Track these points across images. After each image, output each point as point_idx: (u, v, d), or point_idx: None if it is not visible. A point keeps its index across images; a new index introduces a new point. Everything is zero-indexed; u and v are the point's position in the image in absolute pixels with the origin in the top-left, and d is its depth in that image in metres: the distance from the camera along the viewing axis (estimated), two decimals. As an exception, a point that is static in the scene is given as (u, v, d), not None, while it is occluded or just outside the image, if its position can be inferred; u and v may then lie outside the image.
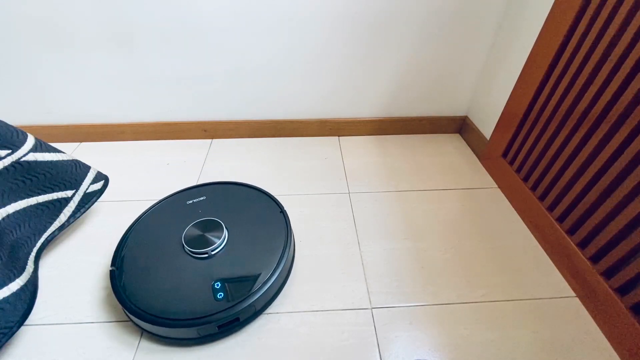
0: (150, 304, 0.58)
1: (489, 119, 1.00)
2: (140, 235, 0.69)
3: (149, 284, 0.60)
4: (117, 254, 0.65)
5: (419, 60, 0.99)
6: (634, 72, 0.56)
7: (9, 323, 0.56)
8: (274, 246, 0.66)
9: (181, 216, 0.72)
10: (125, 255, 0.65)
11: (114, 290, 0.60)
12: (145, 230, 0.70)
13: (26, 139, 0.64)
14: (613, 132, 0.60)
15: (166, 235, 0.68)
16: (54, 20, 0.86)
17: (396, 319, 0.64)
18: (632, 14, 0.56)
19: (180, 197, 0.78)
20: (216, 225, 0.68)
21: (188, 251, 0.64)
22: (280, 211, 0.73)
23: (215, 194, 0.78)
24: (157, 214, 0.74)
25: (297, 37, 0.92)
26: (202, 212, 0.73)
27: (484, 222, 0.83)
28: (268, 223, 0.71)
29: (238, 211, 0.73)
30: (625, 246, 0.57)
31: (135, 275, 0.62)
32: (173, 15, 0.87)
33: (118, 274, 0.62)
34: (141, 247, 0.67)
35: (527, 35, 0.82)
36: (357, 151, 1.08)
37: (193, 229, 0.67)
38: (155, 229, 0.70)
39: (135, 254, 0.65)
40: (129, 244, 0.67)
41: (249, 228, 0.70)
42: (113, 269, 0.63)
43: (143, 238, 0.68)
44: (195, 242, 0.65)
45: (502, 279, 0.70)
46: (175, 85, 1.00)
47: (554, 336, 0.61)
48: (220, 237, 0.66)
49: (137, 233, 0.69)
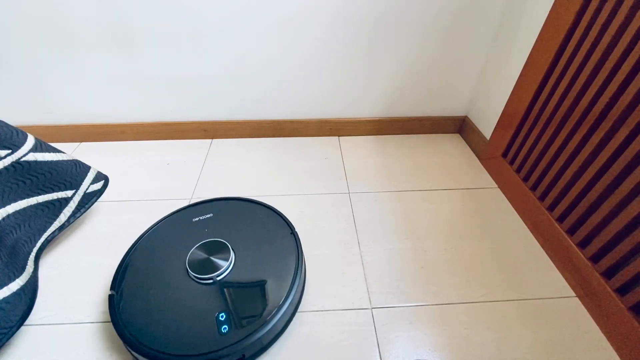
0: (150, 335, 0.54)
1: (489, 119, 1.00)
2: (142, 256, 0.65)
3: (149, 313, 0.57)
4: (116, 276, 0.62)
5: (419, 61, 0.99)
6: (634, 72, 0.56)
7: (9, 323, 0.56)
8: (284, 273, 0.62)
9: (186, 235, 0.68)
10: (125, 278, 0.61)
11: (112, 318, 0.56)
12: (148, 250, 0.66)
13: (26, 139, 0.64)
14: (613, 132, 0.60)
15: (169, 256, 0.65)
16: (54, 20, 0.86)
17: (396, 319, 0.64)
18: (632, 14, 0.56)
19: (187, 213, 0.74)
20: (222, 247, 0.64)
21: (192, 276, 0.61)
22: (291, 232, 0.69)
23: (222, 211, 0.74)
24: (161, 231, 0.70)
25: (297, 37, 0.92)
26: (208, 231, 0.69)
27: (484, 222, 0.83)
28: (278, 246, 0.67)
29: (246, 231, 0.69)
30: (625, 246, 0.57)
31: (134, 302, 0.58)
32: (173, 15, 0.87)
33: (117, 300, 0.58)
34: (142, 270, 0.63)
35: (527, 35, 0.82)
36: (357, 151, 1.08)
37: (198, 252, 0.64)
38: (158, 249, 0.66)
39: (135, 277, 0.62)
40: (129, 266, 0.63)
41: (258, 250, 0.66)
42: (112, 293, 0.59)
43: (145, 259, 0.65)
44: (199, 266, 0.61)
45: (502, 279, 0.70)
46: (175, 85, 1.01)
47: (554, 336, 0.61)
48: (226, 259, 0.62)
49: (140, 253, 0.66)
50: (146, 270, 0.63)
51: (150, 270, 0.63)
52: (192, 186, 0.94)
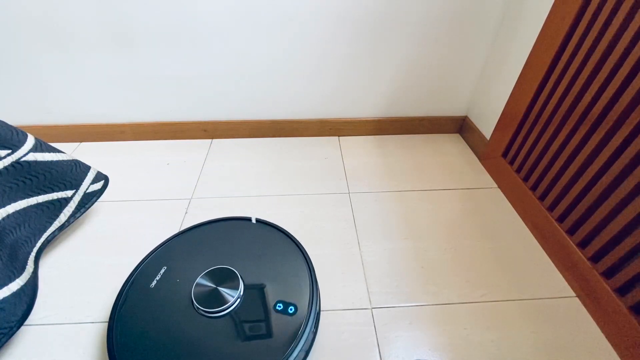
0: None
1: (489, 119, 1.00)
2: (142, 288, 0.58)
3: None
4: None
5: (419, 61, 0.99)
6: (634, 72, 0.56)
7: (9, 323, 0.56)
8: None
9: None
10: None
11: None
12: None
13: (26, 139, 0.64)
14: (613, 132, 0.60)
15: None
16: (55, 20, 0.86)
17: (396, 319, 0.64)
18: (632, 14, 0.56)
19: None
20: (231, 276, 0.58)
21: (200, 310, 0.54)
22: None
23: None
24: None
25: (298, 37, 0.92)
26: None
27: (484, 222, 0.83)
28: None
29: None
30: (625, 246, 0.57)
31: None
32: (173, 15, 0.87)
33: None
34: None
35: (527, 35, 0.82)
36: (357, 151, 1.08)
37: (204, 281, 0.57)
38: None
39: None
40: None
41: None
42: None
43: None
44: (205, 299, 0.55)
45: (502, 279, 0.70)
46: (175, 85, 1.01)
47: (554, 336, 0.61)
48: (235, 289, 0.56)
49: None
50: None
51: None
52: (192, 186, 0.94)
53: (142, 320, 0.54)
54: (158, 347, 0.51)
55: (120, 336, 0.52)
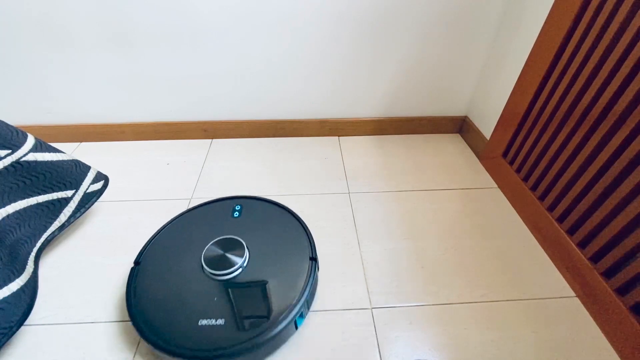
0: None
1: (489, 119, 1.00)
2: (169, 237, 0.69)
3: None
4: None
5: (419, 61, 0.99)
6: (634, 72, 0.56)
7: (9, 323, 0.56)
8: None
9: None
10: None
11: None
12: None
13: (26, 139, 0.64)
14: (613, 132, 0.60)
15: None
16: (54, 20, 0.86)
17: (396, 319, 0.64)
18: (632, 14, 0.56)
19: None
20: (238, 245, 0.65)
21: (207, 272, 0.61)
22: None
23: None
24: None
25: (297, 37, 0.92)
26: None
27: (484, 222, 0.83)
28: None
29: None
30: (625, 246, 0.57)
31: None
32: (173, 16, 0.87)
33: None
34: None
35: (527, 35, 0.82)
36: (357, 151, 1.08)
37: (213, 247, 0.65)
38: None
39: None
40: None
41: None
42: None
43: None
44: (214, 262, 0.62)
45: (502, 279, 0.70)
46: (175, 85, 1.00)
47: (554, 336, 0.61)
48: (241, 256, 0.63)
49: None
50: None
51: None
52: (192, 186, 0.94)
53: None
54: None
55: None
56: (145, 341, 0.54)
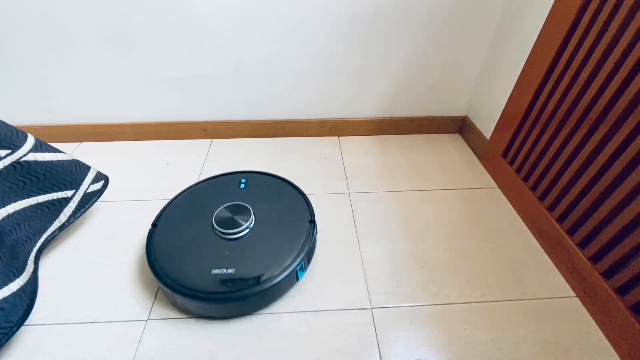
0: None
1: (489, 119, 1.00)
2: (182, 204, 0.77)
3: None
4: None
5: (418, 60, 0.99)
6: (634, 72, 0.56)
7: (9, 323, 0.56)
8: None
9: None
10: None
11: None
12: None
13: (26, 139, 0.64)
14: (613, 132, 0.60)
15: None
16: (54, 20, 0.86)
17: (396, 319, 0.64)
18: (632, 14, 0.56)
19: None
20: (245, 209, 0.73)
21: (218, 232, 0.69)
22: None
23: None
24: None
25: (298, 37, 0.92)
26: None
27: (484, 222, 0.83)
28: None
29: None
30: (625, 246, 0.57)
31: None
32: (173, 16, 0.87)
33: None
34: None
35: (527, 35, 0.82)
36: (357, 151, 1.08)
37: (223, 211, 0.72)
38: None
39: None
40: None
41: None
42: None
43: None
44: (224, 223, 0.69)
45: (502, 279, 0.70)
46: (175, 85, 1.01)
47: (554, 336, 0.61)
48: (248, 219, 0.70)
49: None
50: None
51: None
52: (192, 186, 0.94)
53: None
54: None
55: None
56: (168, 288, 0.61)
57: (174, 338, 0.61)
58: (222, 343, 0.60)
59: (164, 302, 0.66)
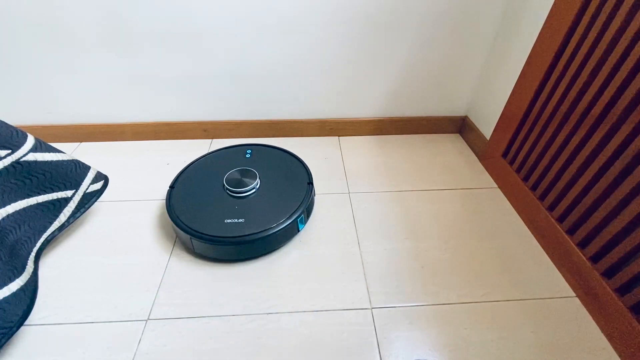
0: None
1: (489, 119, 1.00)
2: (195, 170, 0.88)
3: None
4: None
5: (418, 60, 0.99)
6: (634, 72, 0.56)
7: (9, 323, 0.56)
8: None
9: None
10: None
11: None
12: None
13: (26, 139, 0.64)
14: (613, 132, 0.60)
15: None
16: (54, 20, 0.86)
17: (396, 319, 0.64)
18: (632, 14, 0.56)
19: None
20: (251, 173, 0.83)
21: (229, 191, 0.79)
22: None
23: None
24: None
25: (298, 37, 0.92)
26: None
27: (484, 222, 0.83)
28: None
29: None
30: (625, 246, 0.57)
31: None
32: (173, 16, 0.87)
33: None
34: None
35: (527, 35, 0.82)
36: (357, 151, 1.08)
37: (233, 174, 0.83)
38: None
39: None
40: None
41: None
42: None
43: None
44: (234, 184, 0.80)
45: (502, 279, 0.70)
46: (175, 85, 1.00)
47: (554, 336, 0.61)
48: (254, 180, 0.81)
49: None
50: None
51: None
52: (192, 186, 0.94)
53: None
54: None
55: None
56: (188, 234, 0.70)
57: (174, 338, 0.61)
58: (222, 343, 0.60)
59: (163, 302, 0.66)
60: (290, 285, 0.69)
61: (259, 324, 0.63)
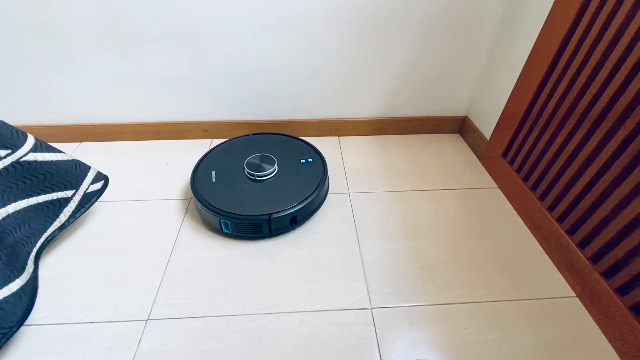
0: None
1: (489, 119, 1.00)
2: (217, 155, 0.93)
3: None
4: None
5: (419, 60, 0.99)
6: (634, 72, 0.56)
7: (9, 323, 0.56)
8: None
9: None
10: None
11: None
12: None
13: (26, 139, 0.64)
14: (613, 132, 0.60)
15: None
16: (54, 20, 0.86)
17: (396, 319, 0.64)
18: (632, 15, 0.56)
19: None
20: (270, 159, 0.88)
21: (249, 174, 0.85)
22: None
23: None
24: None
25: (298, 37, 0.92)
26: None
27: (484, 222, 0.83)
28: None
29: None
30: (625, 246, 0.57)
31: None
32: (173, 15, 0.87)
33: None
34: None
35: (527, 35, 0.82)
36: (357, 151, 1.08)
37: (252, 160, 0.88)
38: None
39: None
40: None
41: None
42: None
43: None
44: (254, 168, 0.85)
45: (502, 279, 0.70)
46: (175, 85, 1.01)
47: (554, 336, 0.61)
48: (273, 166, 0.86)
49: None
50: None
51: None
52: (192, 186, 0.94)
53: (214, 179, 0.85)
54: (225, 189, 0.82)
55: (200, 188, 0.82)
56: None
57: (174, 338, 0.61)
58: (222, 343, 0.60)
59: (163, 302, 0.66)
60: (290, 285, 0.69)
61: (259, 324, 0.63)
